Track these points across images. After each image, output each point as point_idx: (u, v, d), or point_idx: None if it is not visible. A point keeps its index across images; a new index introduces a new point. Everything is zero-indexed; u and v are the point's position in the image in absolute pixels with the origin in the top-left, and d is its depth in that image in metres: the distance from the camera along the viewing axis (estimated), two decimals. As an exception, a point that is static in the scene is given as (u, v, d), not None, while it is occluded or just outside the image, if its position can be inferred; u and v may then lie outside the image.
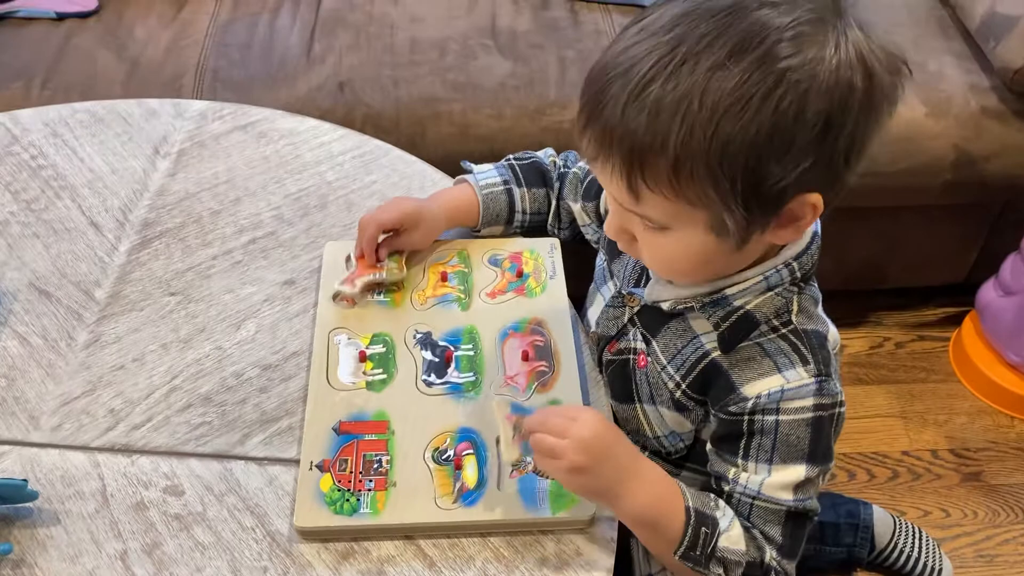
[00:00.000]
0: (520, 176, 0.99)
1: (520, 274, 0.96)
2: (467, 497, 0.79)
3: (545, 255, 0.98)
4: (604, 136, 0.67)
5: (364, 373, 0.88)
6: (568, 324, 0.91)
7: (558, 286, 0.95)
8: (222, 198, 1.08)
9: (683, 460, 0.89)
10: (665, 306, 0.81)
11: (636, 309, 0.86)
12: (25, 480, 0.77)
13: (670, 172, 0.66)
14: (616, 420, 0.89)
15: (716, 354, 0.79)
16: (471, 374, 0.88)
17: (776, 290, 0.77)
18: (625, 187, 0.69)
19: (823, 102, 0.64)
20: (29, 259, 1.00)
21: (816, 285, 0.82)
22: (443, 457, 0.82)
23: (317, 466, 0.81)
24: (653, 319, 0.84)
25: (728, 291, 0.78)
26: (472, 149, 1.37)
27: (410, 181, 1.10)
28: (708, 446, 0.81)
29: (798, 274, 0.78)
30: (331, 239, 1.02)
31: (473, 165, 1.02)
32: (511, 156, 1.02)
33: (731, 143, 0.64)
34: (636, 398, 0.87)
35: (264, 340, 0.93)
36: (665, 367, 0.83)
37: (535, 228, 1.01)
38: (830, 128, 0.65)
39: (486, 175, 0.99)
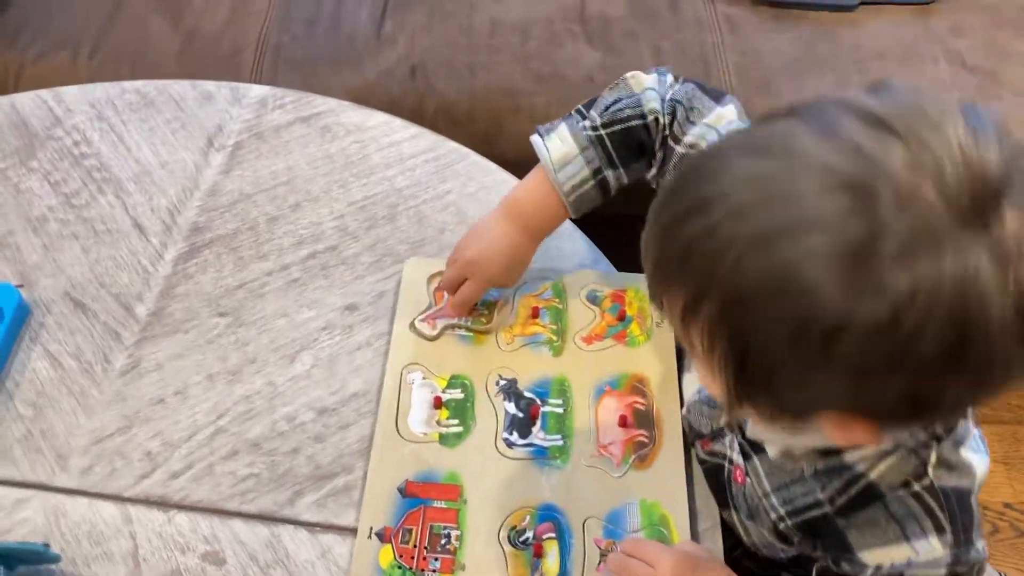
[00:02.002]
0: (612, 154, 0.78)
1: (622, 317, 0.84)
2: None
3: None
4: (646, 240, 0.56)
5: (438, 423, 0.77)
6: (675, 385, 0.79)
7: (666, 336, 0.82)
8: (280, 202, 0.96)
9: (790, 562, 0.75)
10: (770, 453, 0.67)
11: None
12: (47, 544, 0.67)
13: (681, 314, 0.54)
14: None
15: (830, 508, 0.65)
16: (559, 437, 0.76)
17: (909, 446, 0.62)
18: (652, 293, 0.58)
19: (862, 342, 0.47)
20: (66, 264, 0.90)
21: (969, 419, 0.65)
22: (521, 539, 0.70)
23: (377, 534, 0.70)
24: None
25: (848, 457, 0.63)
26: (553, 149, 1.24)
27: (488, 193, 0.97)
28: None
29: (939, 431, 0.62)
30: (398, 257, 0.90)
31: (545, 138, 0.79)
32: (600, 112, 0.78)
33: (750, 327, 0.51)
34: (732, 507, 0.73)
35: (320, 377, 0.82)
36: (768, 495, 0.69)
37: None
38: (868, 374, 0.49)
39: (569, 171, 0.78)
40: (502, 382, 0.79)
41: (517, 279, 0.84)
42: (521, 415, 0.77)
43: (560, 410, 0.78)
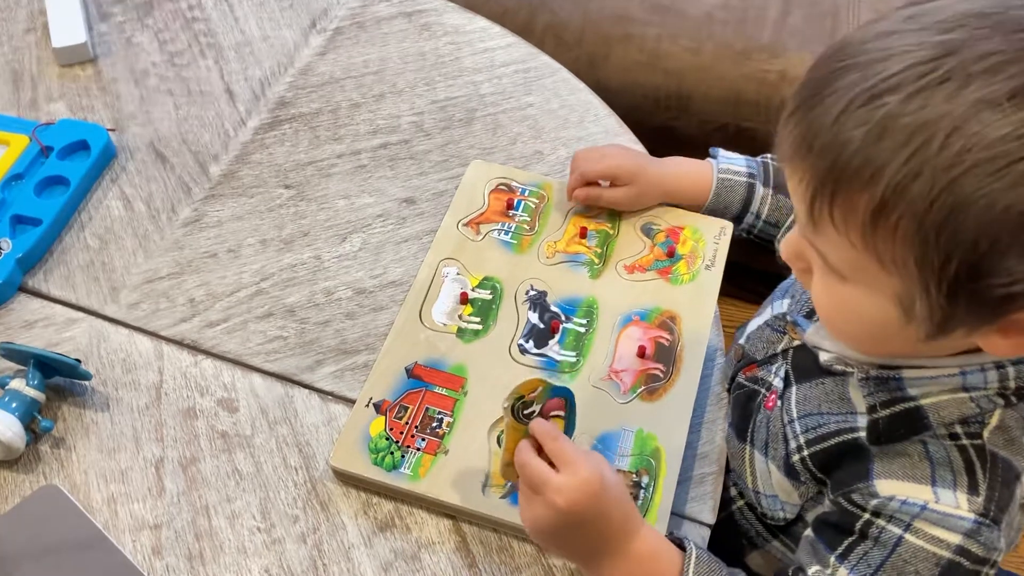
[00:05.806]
0: (770, 176, 0.83)
1: (671, 254, 0.82)
2: (517, 496, 0.68)
3: (709, 239, 0.83)
4: (806, 136, 0.50)
5: (460, 317, 0.78)
6: (707, 329, 0.77)
7: (711, 280, 0.80)
8: (365, 91, 0.98)
9: (779, 530, 0.73)
10: (822, 358, 0.63)
11: (795, 343, 0.69)
12: (78, 360, 0.73)
13: (867, 215, 0.49)
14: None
15: (863, 430, 0.61)
16: (573, 354, 0.76)
17: (972, 394, 0.57)
18: (806, 208, 0.52)
19: None
20: (156, 116, 0.95)
21: None
22: (526, 412, 0.71)
23: (375, 404, 0.72)
24: (807, 364, 0.67)
25: (906, 373, 0.59)
26: (658, 83, 1.22)
27: (570, 111, 0.97)
28: (808, 530, 0.64)
29: (1011, 384, 0.57)
30: (464, 160, 0.91)
31: (721, 151, 0.86)
32: (770, 155, 0.85)
33: (965, 210, 0.46)
34: (749, 439, 0.71)
35: (366, 260, 0.85)
36: (792, 421, 0.66)
37: (764, 239, 0.85)
38: None
39: (731, 160, 0.85)
40: (532, 292, 0.80)
41: (629, 200, 0.84)
42: (542, 326, 0.77)
43: (582, 329, 0.77)
